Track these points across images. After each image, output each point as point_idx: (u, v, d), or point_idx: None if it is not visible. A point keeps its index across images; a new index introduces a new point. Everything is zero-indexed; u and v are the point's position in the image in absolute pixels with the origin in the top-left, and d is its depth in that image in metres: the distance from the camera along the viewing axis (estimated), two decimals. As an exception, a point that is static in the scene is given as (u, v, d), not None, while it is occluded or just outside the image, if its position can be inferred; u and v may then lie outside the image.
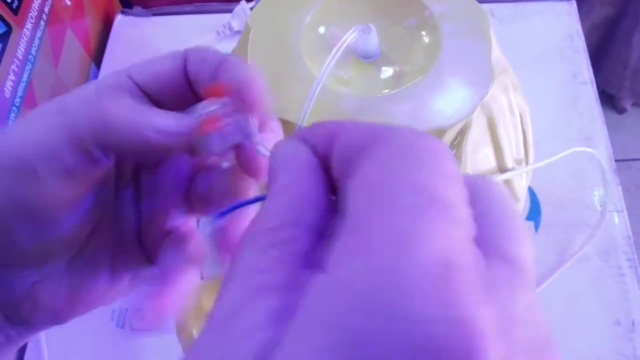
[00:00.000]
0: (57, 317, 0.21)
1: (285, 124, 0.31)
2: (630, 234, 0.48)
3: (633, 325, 0.44)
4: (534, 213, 0.49)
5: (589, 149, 0.46)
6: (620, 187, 0.50)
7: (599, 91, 1.16)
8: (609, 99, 1.16)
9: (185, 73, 0.20)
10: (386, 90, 0.32)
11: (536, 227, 0.49)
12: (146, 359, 0.46)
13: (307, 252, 0.13)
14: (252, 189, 0.21)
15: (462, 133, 0.31)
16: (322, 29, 0.34)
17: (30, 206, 0.18)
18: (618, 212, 0.49)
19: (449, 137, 0.31)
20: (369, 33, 0.32)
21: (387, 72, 0.33)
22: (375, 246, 0.11)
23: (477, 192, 0.14)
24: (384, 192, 0.12)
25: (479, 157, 0.33)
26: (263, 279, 0.13)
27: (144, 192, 0.22)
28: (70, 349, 0.46)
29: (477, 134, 0.32)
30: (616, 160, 1.14)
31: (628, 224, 0.48)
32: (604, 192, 0.50)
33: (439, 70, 0.31)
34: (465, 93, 0.31)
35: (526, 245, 0.13)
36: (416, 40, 0.33)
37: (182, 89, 0.20)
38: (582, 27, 1.01)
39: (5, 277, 0.20)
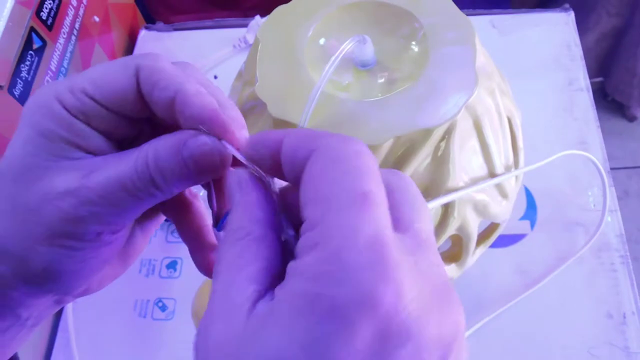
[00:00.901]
0: (111, 280, 0.25)
1: (290, 125, 0.35)
2: (623, 233, 0.50)
3: (624, 317, 0.46)
4: (530, 212, 0.52)
5: (581, 152, 0.49)
6: (613, 188, 0.52)
7: (609, 99, 1.18)
8: (619, 107, 1.18)
9: (139, 86, 0.21)
10: (380, 95, 0.35)
11: (532, 226, 0.51)
12: (166, 345, 0.49)
13: (264, 235, 0.19)
14: None
15: (448, 132, 0.34)
16: (322, 41, 0.38)
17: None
18: (611, 212, 0.51)
19: (436, 136, 0.34)
20: (364, 43, 0.35)
21: (382, 78, 0.37)
22: (325, 239, 0.16)
23: (391, 185, 0.19)
24: (325, 196, 0.17)
25: (466, 155, 0.36)
26: (238, 262, 0.18)
27: None
28: (97, 337, 0.50)
29: (464, 133, 0.35)
30: (628, 168, 1.15)
31: (621, 223, 0.51)
32: (598, 193, 0.52)
33: (428, 76, 0.35)
34: (451, 96, 0.34)
35: (426, 223, 0.19)
36: (408, 49, 0.37)
37: (140, 103, 0.22)
38: (591, 37, 1.04)
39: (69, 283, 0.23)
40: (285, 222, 0.20)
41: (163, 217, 0.26)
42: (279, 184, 0.21)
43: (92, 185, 0.21)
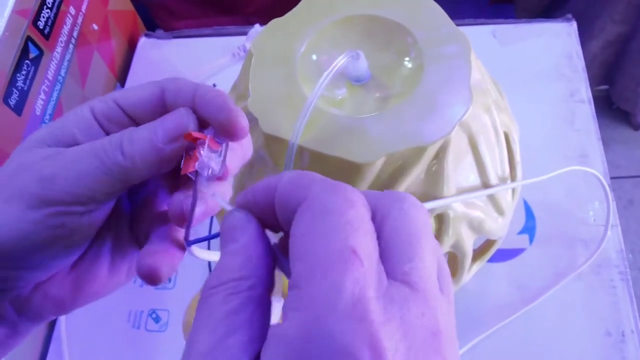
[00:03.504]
0: (63, 309, 0.24)
1: (282, 141, 0.34)
2: (623, 248, 0.49)
3: (623, 336, 0.46)
4: (529, 226, 0.51)
5: (585, 168, 0.48)
6: (614, 203, 0.51)
7: (614, 107, 1.16)
8: (624, 115, 1.16)
9: (163, 101, 0.23)
10: (373, 111, 0.34)
11: (531, 240, 0.51)
12: (159, 356, 0.49)
13: (262, 296, 0.17)
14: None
15: (442, 150, 0.34)
16: (315, 56, 0.37)
17: (68, 231, 0.22)
18: (612, 227, 0.50)
19: (430, 153, 0.33)
20: (358, 59, 0.35)
21: (376, 94, 0.36)
22: (307, 301, 0.16)
23: (385, 222, 0.18)
24: (311, 255, 0.16)
25: (461, 173, 0.35)
26: (232, 321, 0.17)
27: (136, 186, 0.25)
28: (90, 348, 0.50)
29: (458, 150, 0.35)
30: (633, 177, 1.14)
31: (621, 238, 0.50)
32: (599, 207, 0.51)
33: (422, 92, 0.34)
34: (445, 113, 0.33)
35: (421, 261, 0.17)
36: (402, 64, 0.36)
37: (160, 114, 0.23)
38: (596, 44, 1.03)
39: (19, 276, 0.22)
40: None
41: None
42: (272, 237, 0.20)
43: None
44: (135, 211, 0.26)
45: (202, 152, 0.22)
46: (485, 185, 0.37)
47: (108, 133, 0.23)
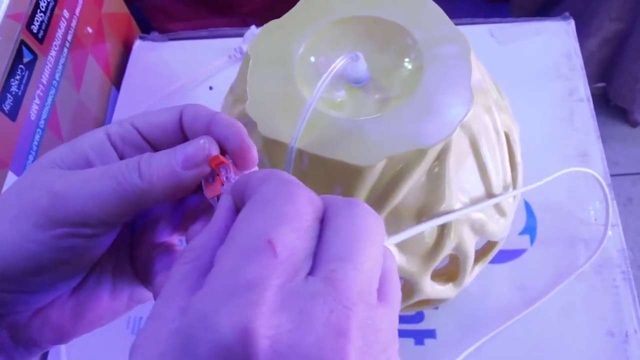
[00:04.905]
0: (62, 336, 0.23)
1: (280, 145, 0.34)
2: (625, 247, 0.49)
3: (626, 336, 0.45)
4: (530, 226, 0.51)
5: (584, 169, 0.48)
6: (615, 202, 0.51)
7: (611, 105, 1.16)
8: (622, 113, 1.16)
9: (181, 125, 0.23)
10: (373, 113, 0.34)
11: (532, 240, 0.50)
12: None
13: (207, 266, 0.18)
14: None
15: (443, 152, 0.33)
16: (314, 58, 0.37)
17: (73, 254, 0.21)
18: (613, 226, 0.50)
19: (431, 156, 0.33)
20: (357, 60, 0.34)
21: (376, 96, 0.36)
22: (210, 280, 0.17)
23: (334, 214, 0.18)
24: (232, 240, 0.17)
25: (462, 175, 0.35)
26: (176, 288, 0.18)
27: (138, 215, 0.25)
28: (89, 355, 0.49)
29: (460, 152, 0.34)
30: (631, 174, 1.14)
31: (623, 237, 0.50)
32: (600, 207, 0.51)
33: (422, 94, 0.34)
34: (445, 115, 0.33)
35: (347, 267, 0.17)
36: (401, 65, 0.36)
37: (177, 137, 0.23)
38: (593, 42, 1.02)
39: (18, 300, 0.22)
40: None
41: (145, 294, 0.25)
42: None
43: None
44: (135, 239, 0.25)
45: (228, 176, 0.22)
46: (488, 187, 0.37)
47: (122, 156, 0.23)
